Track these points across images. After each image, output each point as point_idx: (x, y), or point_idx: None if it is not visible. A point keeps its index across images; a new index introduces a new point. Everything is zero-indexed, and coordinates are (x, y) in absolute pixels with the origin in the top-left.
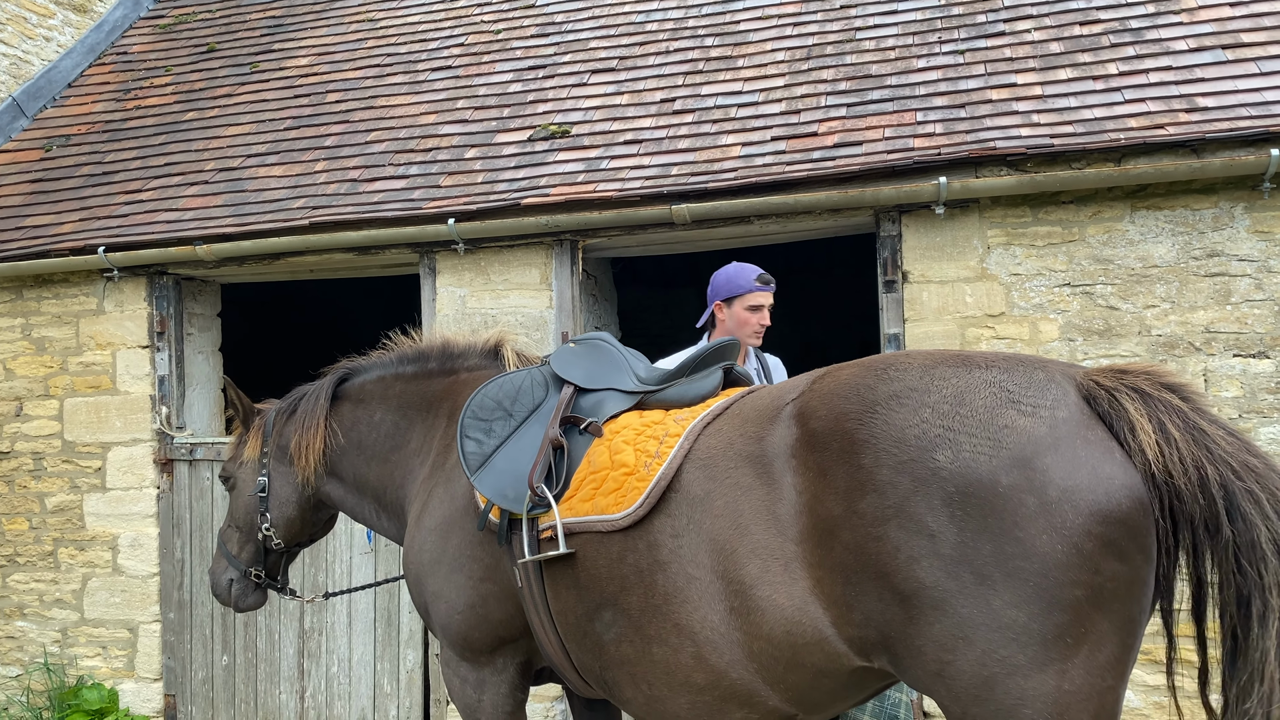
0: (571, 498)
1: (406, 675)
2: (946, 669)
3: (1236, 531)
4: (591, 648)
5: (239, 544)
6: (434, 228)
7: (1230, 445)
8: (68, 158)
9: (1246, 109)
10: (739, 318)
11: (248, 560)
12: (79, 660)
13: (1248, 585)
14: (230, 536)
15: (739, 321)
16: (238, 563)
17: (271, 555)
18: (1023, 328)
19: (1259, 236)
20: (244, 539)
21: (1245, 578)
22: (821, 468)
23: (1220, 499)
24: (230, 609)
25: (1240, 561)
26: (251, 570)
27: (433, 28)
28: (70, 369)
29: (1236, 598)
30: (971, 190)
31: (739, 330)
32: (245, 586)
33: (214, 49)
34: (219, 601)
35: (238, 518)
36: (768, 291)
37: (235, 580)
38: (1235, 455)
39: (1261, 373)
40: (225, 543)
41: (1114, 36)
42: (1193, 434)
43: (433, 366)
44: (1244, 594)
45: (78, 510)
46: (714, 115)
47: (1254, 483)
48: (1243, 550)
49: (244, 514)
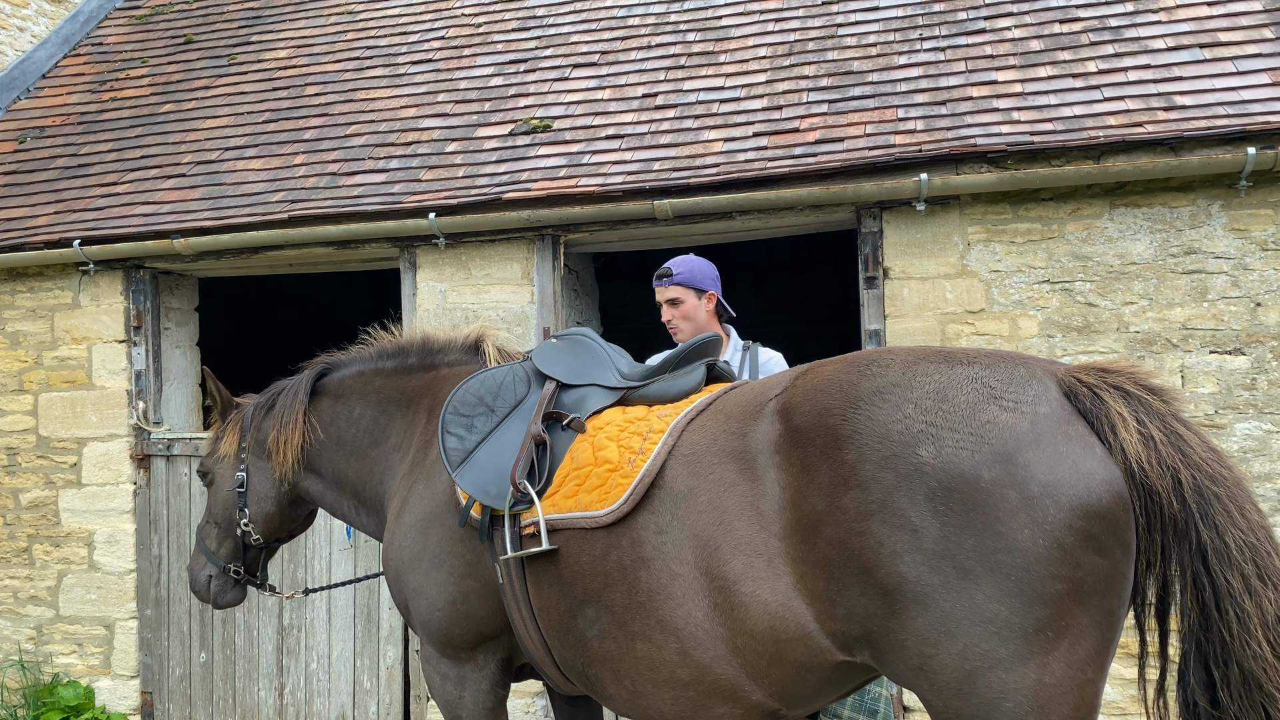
0: (554, 494)
1: (387, 671)
2: (929, 663)
3: (1208, 537)
4: (574, 644)
5: (217, 540)
6: (414, 222)
7: (1205, 452)
8: (42, 150)
9: (1224, 108)
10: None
11: (226, 556)
12: (54, 658)
13: (1218, 590)
14: (209, 532)
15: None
16: (216, 559)
17: (250, 551)
18: (1002, 324)
19: (1235, 234)
20: (222, 535)
21: (1215, 582)
22: (805, 463)
23: (1194, 503)
24: (209, 606)
25: (1209, 566)
26: (230, 566)
27: (413, 20)
28: (45, 364)
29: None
30: (952, 187)
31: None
32: (224, 583)
33: (191, 40)
34: (198, 598)
35: (216, 514)
36: (659, 287)
37: (214, 577)
38: (1209, 462)
39: (1237, 369)
40: (204, 539)
41: (1093, 34)
42: (1170, 437)
43: (413, 362)
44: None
45: (53, 506)
46: (696, 111)
47: (1224, 490)
48: (1212, 556)
49: (222, 510)
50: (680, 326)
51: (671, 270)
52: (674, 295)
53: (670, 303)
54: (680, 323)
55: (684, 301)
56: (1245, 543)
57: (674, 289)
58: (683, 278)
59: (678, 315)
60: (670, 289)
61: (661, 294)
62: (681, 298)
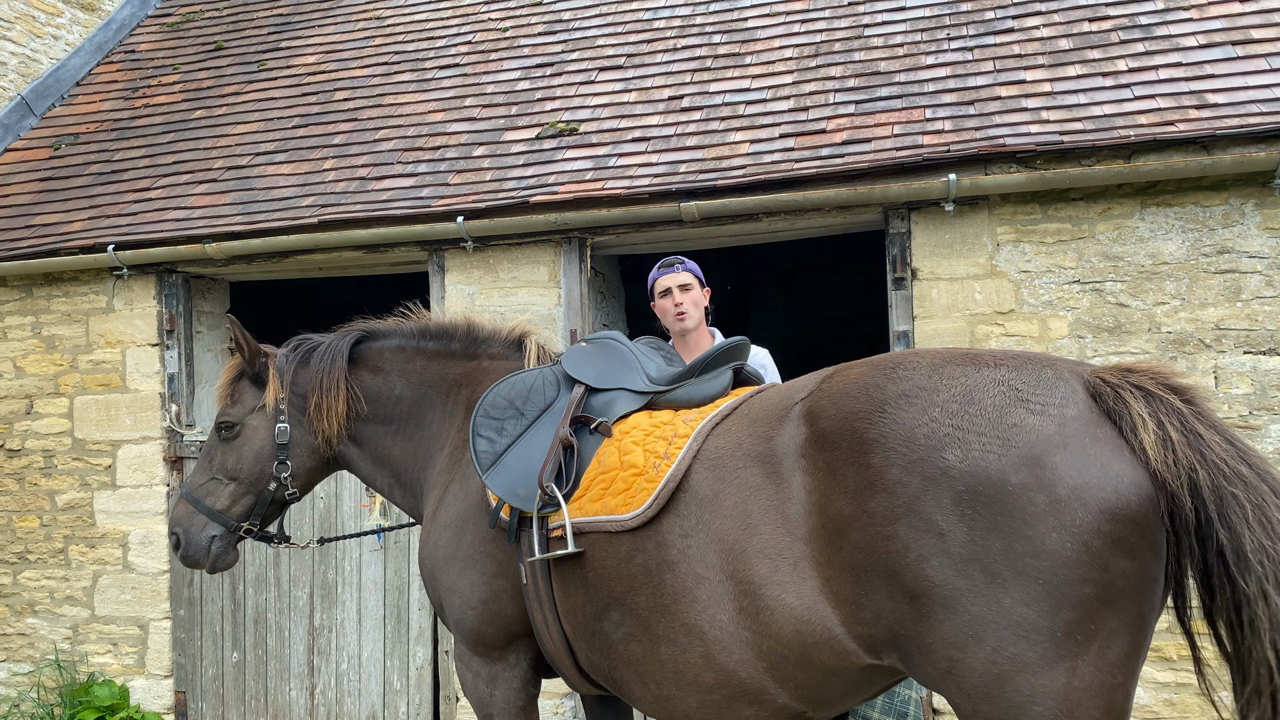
0: (581, 497)
1: (416, 672)
2: (957, 666)
3: (1225, 539)
4: (600, 647)
5: (232, 497)
6: (443, 225)
7: (1224, 451)
8: (76, 156)
9: (1257, 105)
10: (660, 308)
11: (240, 514)
12: (90, 657)
13: (1237, 594)
14: (214, 490)
15: (661, 312)
16: (224, 518)
17: (272, 507)
18: (1032, 325)
19: (1270, 233)
20: (241, 491)
21: (1234, 585)
22: (831, 467)
23: (1212, 504)
24: (196, 569)
25: (1229, 568)
26: (244, 525)
27: (440, 25)
28: (80, 367)
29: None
30: (981, 187)
31: (666, 320)
32: (226, 544)
33: (221, 47)
34: (187, 562)
35: (237, 468)
36: (671, 273)
37: (218, 538)
38: (1228, 462)
39: (1272, 370)
40: (204, 498)
41: (1123, 33)
42: (1188, 437)
43: (456, 348)
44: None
45: (88, 508)
46: (722, 113)
47: (1242, 490)
48: (1229, 558)
49: (252, 463)
50: (690, 311)
51: (682, 258)
52: (686, 280)
53: (682, 287)
54: (690, 308)
55: (693, 288)
56: (1262, 545)
57: (686, 274)
58: (691, 267)
59: (688, 300)
60: (683, 274)
61: (673, 279)
62: (691, 284)
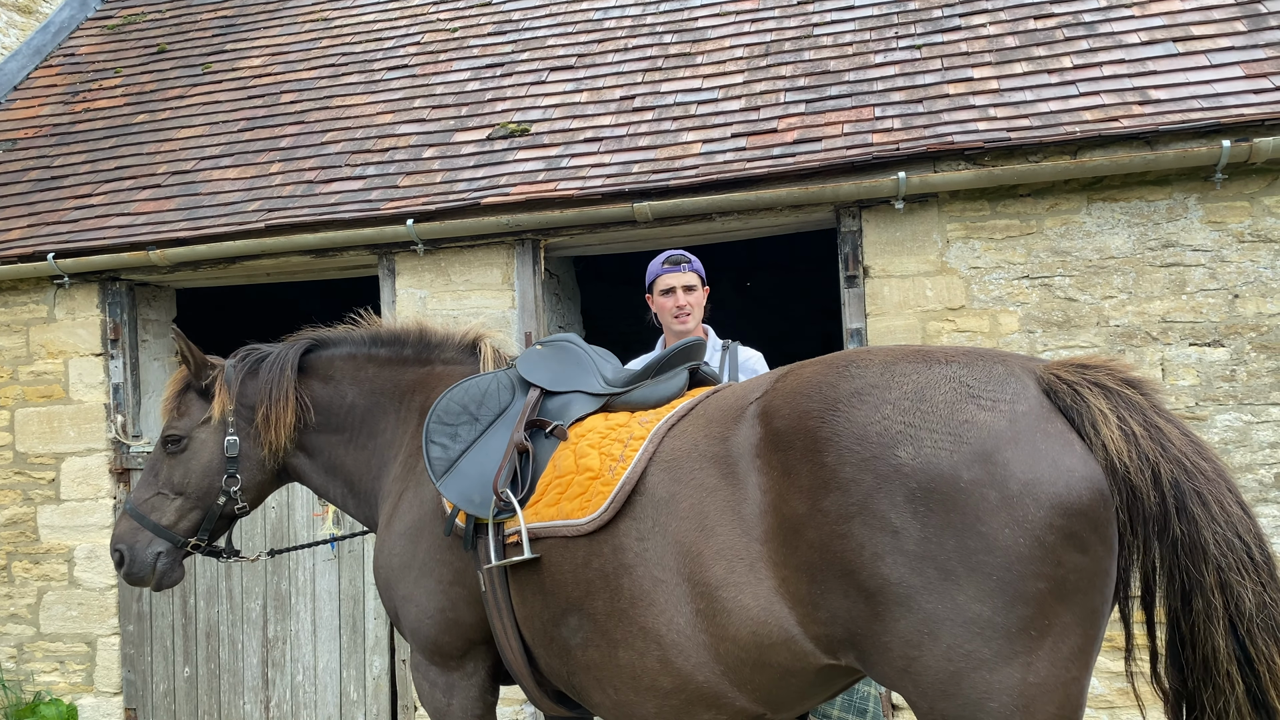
0: (537, 502)
1: (373, 682)
2: (913, 665)
3: (1183, 530)
4: (558, 652)
5: (179, 512)
6: (392, 229)
7: (1183, 445)
8: (14, 162)
9: (1198, 101)
10: (658, 304)
11: (187, 530)
12: (36, 676)
13: (1191, 583)
14: (160, 505)
15: (659, 308)
16: (170, 534)
17: (221, 521)
18: (983, 320)
19: (1212, 227)
20: (189, 506)
21: (1189, 576)
22: (785, 467)
23: (1171, 497)
24: (141, 586)
25: (1185, 560)
26: (191, 541)
27: (388, 26)
28: (21, 378)
29: (1182, 594)
30: (930, 185)
31: (663, 318)
32: (173, 560)
33: (165, 50)
34: (131, 580)
35: (183, 483)
36: (677, 272)
37: (164, 554)
38: (1188, 456)
39: (1216, 361)
40: (149, 513)
41: (1068, 30)
42: (1150, 431)
43: (408, 354)
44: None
45: (31, 523)
46: (674, 112)
47: (1202, 483)
48: (1186, 549)
49: (199, 477)
50: (692, 313)
51: (689, 256)
52: (691, 281)
53: (686, 288)
54: (693, 309)
55: (696, 289)
56: (1221, 537)
57: (692, 275)
58: (696, 267)
59: (692, 301)
60: (689, 275)
61: (678, 279)
62: (696, 285)
